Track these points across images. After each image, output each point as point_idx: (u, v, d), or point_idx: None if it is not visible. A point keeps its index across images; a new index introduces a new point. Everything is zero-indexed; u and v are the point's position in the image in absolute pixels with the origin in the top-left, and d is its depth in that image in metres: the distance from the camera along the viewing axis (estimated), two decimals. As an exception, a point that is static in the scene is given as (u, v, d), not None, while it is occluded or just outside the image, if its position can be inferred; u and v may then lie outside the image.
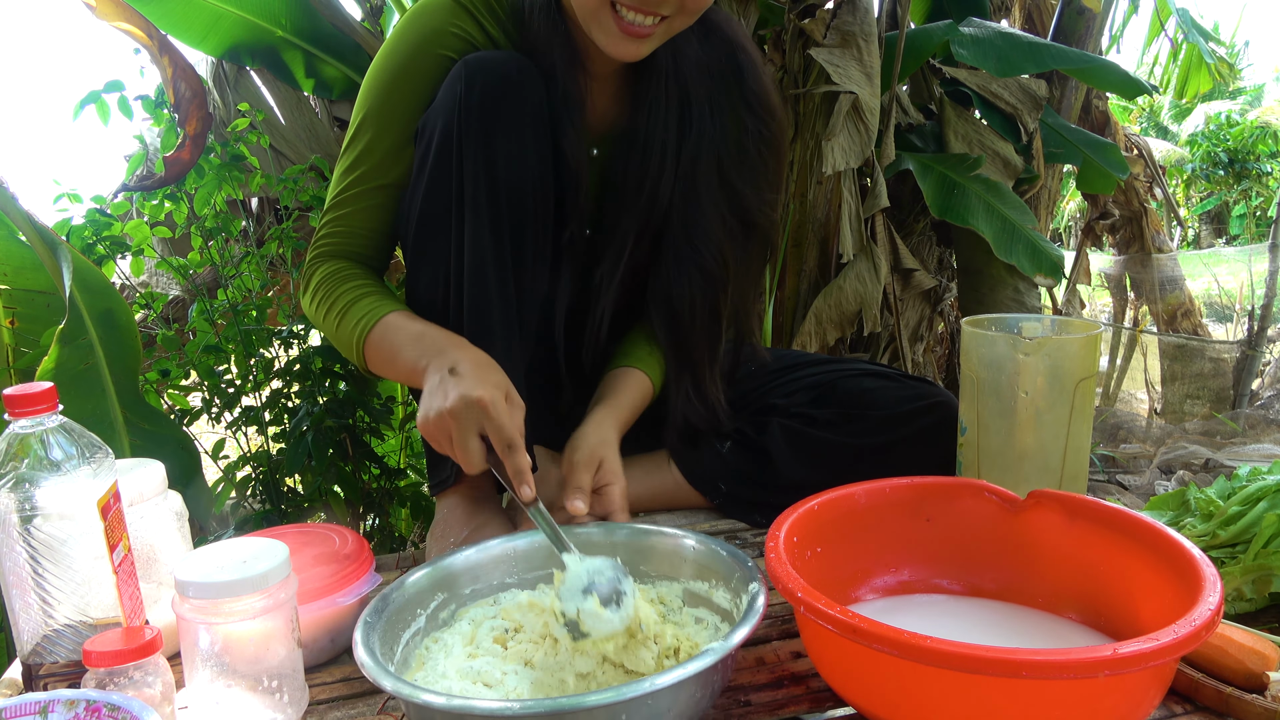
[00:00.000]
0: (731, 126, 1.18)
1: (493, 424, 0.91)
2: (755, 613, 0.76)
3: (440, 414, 0.92)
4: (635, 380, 1.22)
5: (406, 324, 1.06)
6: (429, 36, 1.09)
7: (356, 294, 1.10)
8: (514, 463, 0.91)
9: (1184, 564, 0.76)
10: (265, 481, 1.61)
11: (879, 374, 1.30)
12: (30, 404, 0.77)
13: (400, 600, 0.85)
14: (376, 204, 1.14)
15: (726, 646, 0.71)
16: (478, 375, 0.94)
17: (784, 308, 2.29)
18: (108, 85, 1.66)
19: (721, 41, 1.18)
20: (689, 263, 1.17)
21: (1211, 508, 0.97)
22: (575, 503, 1.04)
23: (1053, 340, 1.06)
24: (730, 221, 1.19)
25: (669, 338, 1.21)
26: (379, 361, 1.08)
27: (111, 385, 1.20)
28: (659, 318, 1.21)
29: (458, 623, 0.89)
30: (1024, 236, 2.22)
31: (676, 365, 1.22)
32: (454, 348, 1.00)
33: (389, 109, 1.10)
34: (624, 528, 0.99)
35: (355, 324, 1.08)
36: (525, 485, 0.90)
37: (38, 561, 0.83)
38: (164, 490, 0.96)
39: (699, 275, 1.18)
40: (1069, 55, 2.25)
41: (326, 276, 1.13)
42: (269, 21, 2.22)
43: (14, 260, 1.42)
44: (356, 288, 1.11)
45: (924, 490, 0.97)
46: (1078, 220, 13.64)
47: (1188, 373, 3.33)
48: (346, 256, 1.16)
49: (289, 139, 2.33)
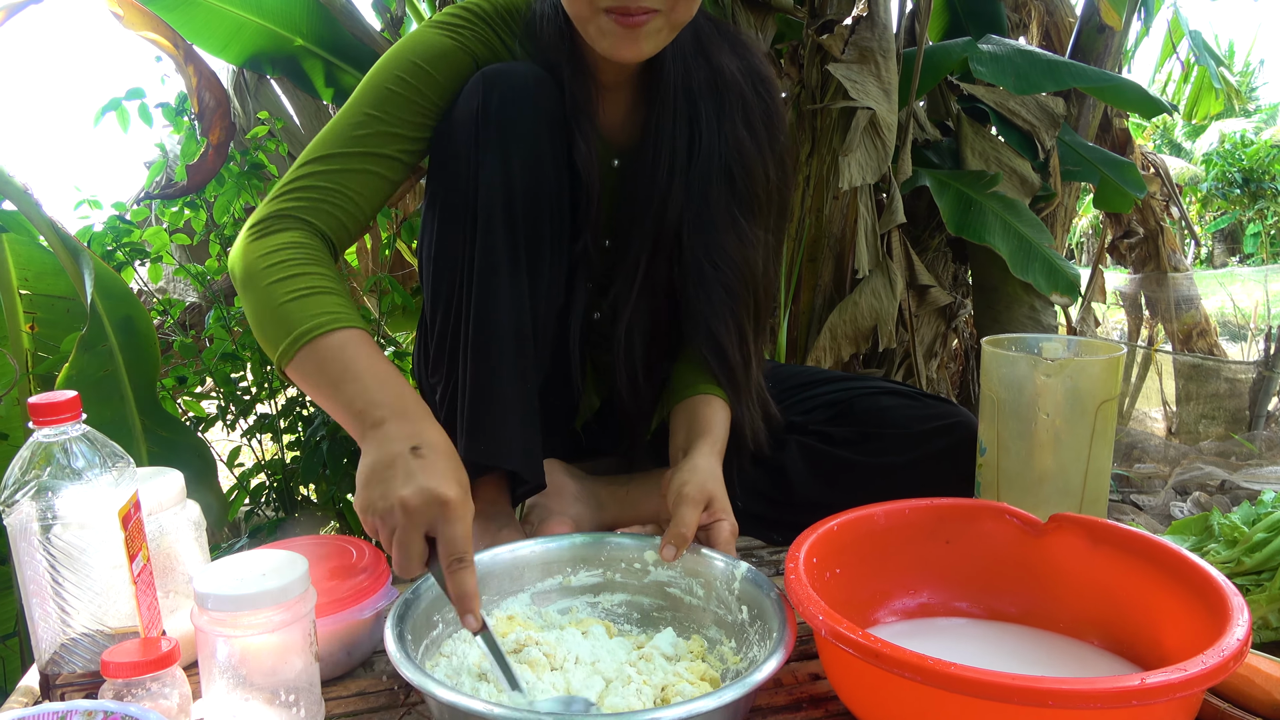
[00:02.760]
0: (744, 143, 1.17)
1: (448, 532, 0.78)
2: (779, 651, 0.75)
3: (392, 503, 0.79)
4: (720, 408, 1.16)
5: (371, 356, 0.92)
6: (446, 37, 1.09)
7: (328, 285, 0.96)
8: (460, 583, 0.78)
9: (1210, 591, 0.76)
10: (279, 489, 1.61)
11: (897, 392, 1.29)
12: (54, 413, 0.78)
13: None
14: (369, 169, 1.04)
15: (747, 684, 0.70)
16: (445, 467, 0.81)
17: (799, 322, 2.29)
18: (129, 93, 1.67)
19: (736, 58, 1.18)
20: (712, 281, 1.16)
21: (1236, 534, 0.96)
22: (669, 550, 0.94)
23: (1074, 362, 1.05)
24: (744, 232, 1.18)
25: (718, 363, 1.17)
26: (313, 372, 0.92)
27: (130, 392, 1.21)
28: (704, 345, 1.16)
29: None
30: (1041, 254, 2.21)
31: (733, 391, 1.18)
32: (421, 418, 0.86)
33: (396, 99, 1.05)
34: None
35: (312, 315, 0.92)
36: (470, 614, 0.78)
37: (57, 570, 0.83)
38: (182, 499, 0.96)
39: (724, 292, 1.16)
40: (1088, 73, 2.24)
41: (294, 244, 0.98)
42: (290, 30, 2.23)
43: (35, 265, 1.43)
44: (329, 279, 0.97)
45: (943, 512, 0.96)
46: (1090, 237, 13.60)
47: (1203, 393, 3.31)
48: (317, 228, 1.02)
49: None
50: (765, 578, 0.89)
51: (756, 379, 1.20)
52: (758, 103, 1.18)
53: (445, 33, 1.09)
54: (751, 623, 0.88)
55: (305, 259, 0.97)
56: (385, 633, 0.78)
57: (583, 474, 1.24)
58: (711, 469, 1.05)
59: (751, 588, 0.89)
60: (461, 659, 0.85)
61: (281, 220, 1.00)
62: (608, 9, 0.99)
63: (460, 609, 0.78)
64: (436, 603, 0.86)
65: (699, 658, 0.87)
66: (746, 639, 0.87)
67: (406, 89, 1.06)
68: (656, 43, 1.04)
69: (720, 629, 0.92)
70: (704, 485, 1.00)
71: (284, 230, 0.99)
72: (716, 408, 1.16)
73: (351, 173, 1.03)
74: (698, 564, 0.95)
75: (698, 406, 1.16)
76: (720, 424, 1.14)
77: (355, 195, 1.04)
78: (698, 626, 0.94)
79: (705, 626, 0.93)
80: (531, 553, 0.96)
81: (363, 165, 1.04)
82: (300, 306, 0.93)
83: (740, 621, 0.89)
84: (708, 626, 0.93)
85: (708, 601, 0.94)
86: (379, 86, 1.06)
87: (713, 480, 1.02)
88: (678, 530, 0.94)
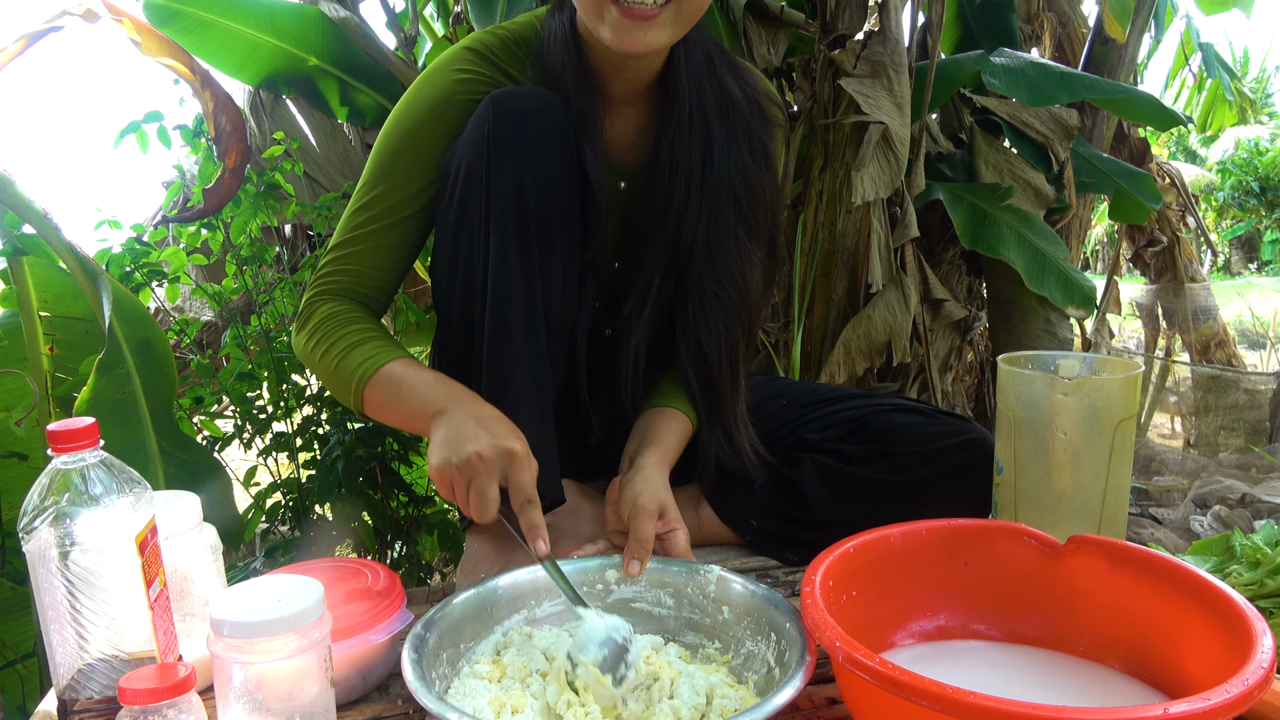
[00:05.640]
0: (748, 165, 1.18)
1: (517, 477, 0.93)
2: (798, 678, 0.75)
3: (468, 457, 0.92)
4: (677, 421, 1.20)
5: (416, 370, 1.06)
6: (451, 85, 1.11)
7: (361, 336, 1.09)
8: (530, 518, 0.92)
9: (1232, 616, 0.74)
10: (295, 508, 1.61)
11: (912, 409, 1.28)
12: (73, 440, 0.78)
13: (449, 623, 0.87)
14: (386, 243, 1.13)
15: (765, 710, 0.70)
16: (505, 429, 0.95)
17: (812, 337, 2.28)
18: (147, 116, 1.69)
19: (740, 84, 1.19)
20: (713, 298, 1.17)
21: (1259, 555, 0.95)
22: (634, 565, 0.98)
23: (1092, 380, 1.04)
24: (745, 251, 1.19)
25: (700, 380, 1.19)
26: (379, 403, 1.07)
27: (148, 414, 1.22)
28: (690, 360, 1.19)
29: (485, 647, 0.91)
30: (1056, 267, 2.20)
31: (707, 410, 1.20)
32: (472, 399, 1.01)
33: (406, 160, 1.11)
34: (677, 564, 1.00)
35: (359, 364, 1.06)
36: (541, 540, 0.91)
37: (74, 595, 0.83)
38: (199, 523, 0.96)
39: (721, 310, 1.17)
40: (1102, 85, 2.23)
41: (328, 316, 1.12)
42: (305, 50, 2.26)
43: (55, 288, 1.44)
44: (361, 330, 1.10)
45: (961, 533, 0.95)
46: (1105, 245, 13.53)
47: (1222, 404, 3.28)
48: (349, 297, 1.14)
49: (323, 166, 2.36)
50: (781, 598, 0.89)
51: (741, 402, 1.22)
52: (759, 128, 1.19)
53: (450, 83, 1.11)
54: (739, 621, 0.90)
55: (337, 325, 1.10)
56: (403, 660, 0.78)
57: (595, 494, 1.24)
58: (660, 478, 1.10)
59: (767, 607, 0.89)
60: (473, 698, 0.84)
61: (314, 303, 1.14)
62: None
63: (530, 538, 0.91)
64: (449, 634, 0.87)
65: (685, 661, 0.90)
66: (735, 636, 0.90)
67: (412, 150, 1.11)
68: (665, 35, 1.02)
69: (698, 633, 0.94)
70: (656, 495, 1.05)
71: (318, 308, 1.13)
72: (674, 420, 1.20)
73: (369, 252, 1.13)
74: (663, 575, 0.98)
75: (654, 417, 1.20)
76: (673, 435, 1.18)
77: (378, 270, 1.14)
78: (672, 635, 0.96)
79: (680, 634, 0.95)
80: (497, 588, 0.94)
81: (378, 242, 1.13)
82: (345, 364, 1.07)
83: (722, 621, 0.92)
84: (683, 634, 0.95)
85: (679, 609, 0.96)
86: (387, 153, 1.12)
87: (663, 489, 1.08)
88: (638, 543, 0.99)
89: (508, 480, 0.93)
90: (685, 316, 1.19)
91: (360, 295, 1.15)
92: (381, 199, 1.12)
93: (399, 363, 1.06)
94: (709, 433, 1.21)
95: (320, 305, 1.13)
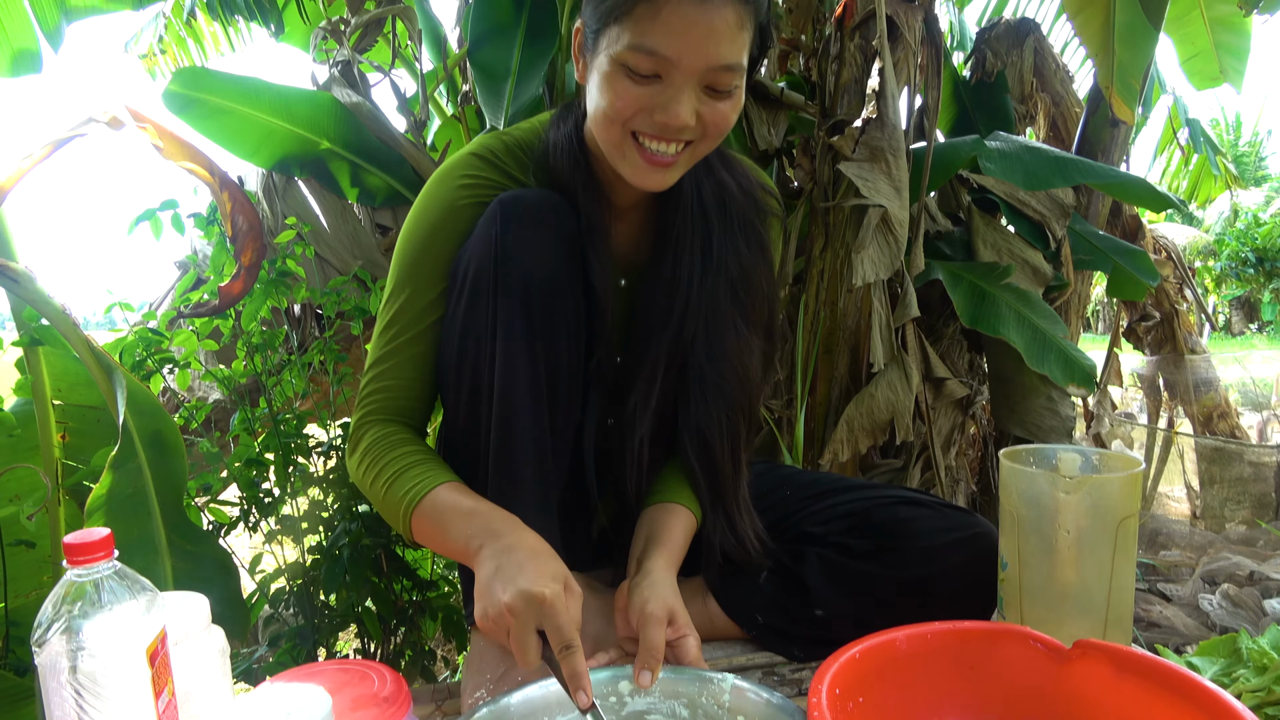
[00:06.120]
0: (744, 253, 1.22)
1: (552, 624, 0.89)
2: None
3: (500, 610, 0.91)
4: (683, 517, 1.20)
5: (457, 499, 1.05)
6: (456, 192, 1.15)
7: (406, 462, 1.10)
8: (571, 665, 0.89)
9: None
10: (300, 595, 1.61)
11: (915, 501, 1.29)
12: (89, 552, 0.79)
13: None
14: (417, 352, 1.15)
15: None
16: (537, 567, 0.93)
17: (815, 414, 2.30)
18: (163, 204, 1.73)
19: (733, 175, 1.23)
20: (714, 387, 1.20)
21: (1266, 660, 0.95)
22: (645, 675, 0.96)
23: (1094, 479, 1.05)
24: (744, 340, 1.22)
25: (703, 466, 1.21)
26: (427, 534, 1.07)
27: (158, 508, 1.23)
28: (692, 447, 1.20)
29: None
30: (1056, 346, 2.22)
31: (710, 494, 1.22)
32: (509, 530, 0.99)
33: (424, 266, 1.15)
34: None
35: (404, 494, 1.07)
36: (582, 691, 0.88)
37: (83, 701, 0.83)
38: (208, 625, 0.97)
39: (722, 398, 1.20)
40: (1095, 170, 2.28)
41: (375, 441, 1.13)
42: (317, 134, 2.32)
43: (69, 377, 1.47)
44: (405, 455, 1.11)
45: (966, 637, 0.96)
46: (1105, 305, 13.60)
47: (1227, 476, 3.27)
48: (394, 415, 1.16)
49: (333, 246, 2.41)
50: (796, 707, 0.89)
51: (743, 488, 1.23)
52: (755, 220, 1.23)
53: (456, 189, 1.15)
54: None
55: (383, 450, 1.12)
56: None
57: (603, 587, 1.24)
58: (669, 582, 1.09)
59: (781, 717, 0.89)
60: None
61: (362, 426, 1.16)
62: (638, 132, 1.03)
63: (572, 687, 0.88)
64: None
65: None
66: None
67: (429, 257, 1.14)
68: (680, 173, 1.09)
69: None
70: (665, 601, 1.04)
71: (366, 432, 1.15)
72: (679, 517, 1.20)
73: (405, 363, 1.16)
74: (676, 684, 0.97)
75: (659, 514, 1.20)
76: (679, 533, 1.18)
77: (415, 379, 1.16)
78: None
79: None
80: (509, 707, 0.94)
81: (411, 351, 1.15)
82: (392, 493, 1.08)
83: None
84: None
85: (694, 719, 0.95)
86: (406, 263, 1.15)
87: (672, 595, 1.07)
88: (649, 652, 0.98)
89: (544, 626, 0.90)
90: (687, 405, 1.21)
91: (404, 410, 1.17)
92: (406, 309, 1.15)
93: (443, 489, 1.06)
94: (712, 518, 1.22)
95: (368, 429, 1.15)
